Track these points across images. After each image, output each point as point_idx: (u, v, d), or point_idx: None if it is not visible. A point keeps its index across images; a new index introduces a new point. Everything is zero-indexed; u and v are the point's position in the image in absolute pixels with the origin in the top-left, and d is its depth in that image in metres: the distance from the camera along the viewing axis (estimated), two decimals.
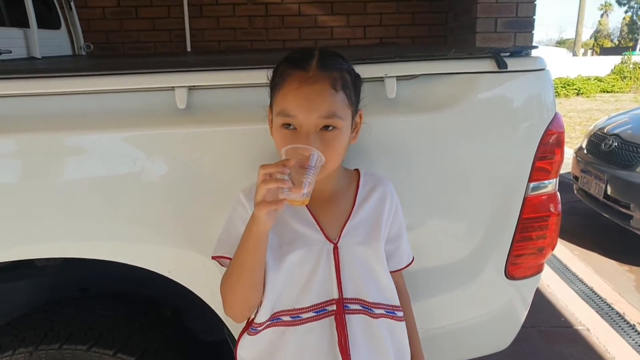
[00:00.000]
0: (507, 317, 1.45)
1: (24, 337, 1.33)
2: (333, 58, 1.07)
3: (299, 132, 1.02)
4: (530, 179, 1.30)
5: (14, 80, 1.22)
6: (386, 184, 1.18)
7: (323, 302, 1.10)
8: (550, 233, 1.36)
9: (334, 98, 1.02)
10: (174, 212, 1.25)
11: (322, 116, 1.01)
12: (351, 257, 1.11)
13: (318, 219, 1.11)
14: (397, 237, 1.19)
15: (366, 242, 1.12)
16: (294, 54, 1.08)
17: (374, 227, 1.13)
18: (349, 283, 1.11)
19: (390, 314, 1.15)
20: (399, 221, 1.19)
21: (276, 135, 1.07)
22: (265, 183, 0.93)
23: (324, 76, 1.02)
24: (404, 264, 1.23)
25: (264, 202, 0.94)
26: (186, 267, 1.28)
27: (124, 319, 1.45)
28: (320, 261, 1.09)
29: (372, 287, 1.13)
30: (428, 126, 1.25)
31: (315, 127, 1.02)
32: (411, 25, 4.82)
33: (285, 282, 1.09)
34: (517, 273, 1.37)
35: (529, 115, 1.28)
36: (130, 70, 1.23)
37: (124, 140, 1.22)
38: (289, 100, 1.02)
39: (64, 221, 1.24)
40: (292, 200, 0.94)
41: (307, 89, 1.01)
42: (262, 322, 1.11)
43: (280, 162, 0.94)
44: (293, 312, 1.10)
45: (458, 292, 1.37)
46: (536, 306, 2.99)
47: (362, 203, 1.14)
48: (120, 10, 4.72)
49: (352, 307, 1.11)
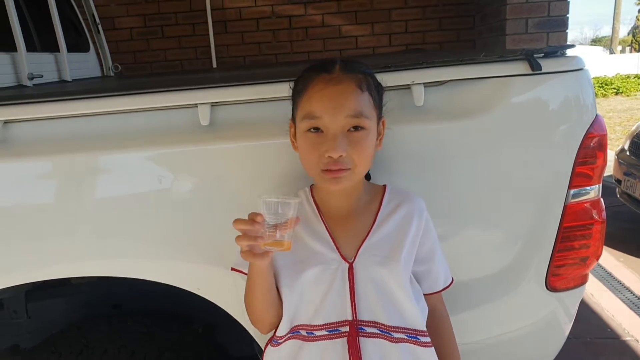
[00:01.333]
0: (549, 330, 1.38)
1: (60, 353, 1.35)
2: (356, 63, 1.07)
3: (326, 134, 1.00)
4: (570, 186, 1.24)
5: (44, 104, 1.24)
6: (414, 201, 1.12)
7: (336, 322, 1.06)
8: (594, 242, 1.29)
9: (360, 97, 1.01)
10: (201, 229, 1.24)
11: (350, 115, 0.99)
12: (367, 278, 1.06)
13: (335, 236, 1.08)
14: (428, 259, 1.13)
15: (384, 263, 1.06)
16: (316, 62, 1.07)
17: (395, 247, 1.07)
18: (364, 305, 1.06)
19: (413, 339, 1.08)
20: (430, 241, 1.12)
21: (302, 142, 1.04)
22: (240, 239, 0.95)
23: (348, 77, 1.02)
24: (441, 287, 1.17)
25: (249, 252, 0.96)
26: (215, 284, 1.26)
27: (156, 336, 1.45)
28: (334, 281, 1.06)
29: (391, 310, 1.07)
30: (459, 134, 1.21)
31: (342, 129, 1.00)
32: (438, 31, 4.77)
33: (300, 299, 1.08)
34: (559, 285, 1.30)
35: (567, 118, 1.23)
36: (153, 89, 1.24)
37: (149, 158, 1.22)
38: (314, 102, 1.01)
39: (96, 240, 1.25)
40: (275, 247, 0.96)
41: (332, 88, 1.00)
42: (283, 335, 1.10)
43: (251, 220, 0.94)
44: (308, 328, 1.08)
45: (496, 304, 1.31)
46: (580, 317, 2.87)
47: (384, 221, 1.09)
48: (147, 30, 4.82)
49: (369, 330, 1.06)
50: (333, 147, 0.99)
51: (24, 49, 2.32)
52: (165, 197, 1.22)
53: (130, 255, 1.27)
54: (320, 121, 1.00)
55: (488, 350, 1.37)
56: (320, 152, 1.01)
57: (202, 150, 1.21)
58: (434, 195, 1.20)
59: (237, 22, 4.79)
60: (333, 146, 0.99)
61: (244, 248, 0.96)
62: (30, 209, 1.23)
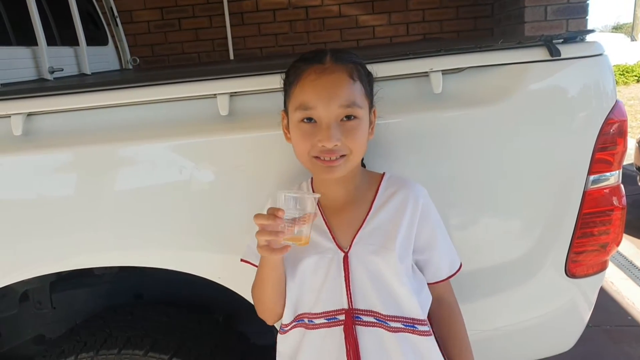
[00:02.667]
0: (569, 317, 1.37)
1: (85, 342, 1.37)
2: (346, 52, 1.07)
3: (319, 124, 1.01)
4: (590, 172, 1.23)
5: (66, 96, 1.26)
6: (411, 188, 1.10)
7: (334, 310, 1.08)
8: (614, 228, 1.28)
9: (353, 87, 1.02)
10: (221, 219, 1.25)
11: (343, 105, 1.00)
12: (362, 268, 1.06)
13: (331, 226, 1.09)
14: (428, 246, 1.11)
15: (379, 252, 1.05)
16: (306, 53, 1.08)
17: (390, 236, 1.06)
18: (360, 294, 1.06)
19: (410, 328, 1.07)
20: (428, 228, 1.10)
21: (295, 132, 1.05)
22: (260, 234, 0.95)
23: (340, 67, 1.03)
24: (445, 275, 1.14)
25: (267, 247, 0.96)
26: (235, 273, 1.28)
27: (178, 325, 1.48)
28: (330, 270, 1.07)
29: (387, 299, 1.06)
30: (478, 121, 1.20)
31: (336, 118, 1.01)
32: (455, 20, 4.72)
33: (300, 287, 1.09)
34: (578, 271, 1.29)
35: (586, 104, 1.21)
36: (172, 80, 1.25)
37: (169, 149, 1.24)
38: (308, 92, 1.01)
39: (117, 231, 1.27)
40: (294, 242, 0.97)
41: (325, 78, 1.01)
42: (288, 323, 1.12)
43: (272, 214, 0.94)
44: (310, 316, 1.09)
45: (515, 291, 1.31)
46: (600, 305, 2.83)
47: (379, 209, 1.08)
48: (164, 23, 4.85)
49: (365, 319, 1.06)
50: (327, 136, 0.99)
51: (44, 43, 2.36)
52: (185, 187, 1.24)
53: (151, 246, 1.29)
54: (314, 111, 1.00)
55: (507, 338, 1.37)
56: (313, 141, 1.01)
57: (221, 141, 1.22)
58: (453, 182, 1.20)
59: (254, 14, 4.80)
60: (327, 136, 0.99)
61: (262, 243, 0.96)
62: (53, 200, 1.26)
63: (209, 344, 1.43)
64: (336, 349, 1.07)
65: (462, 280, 1.20)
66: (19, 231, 1.27)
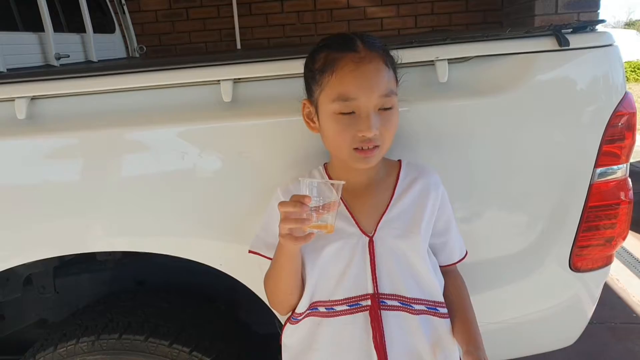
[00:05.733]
0: (573, 312, 1.36)
1: (86, 327, 1.38)
2: (374, 38, 1.04)
3: (358, 115, 0.99)
4: (596, 164, 1.21)
5: (70, 80, 1.26)
6: (430, 175, 1.12)
7: (357, 296, 1.07)
8: (620, 222, 1.26)
9: (389, 75, 1.02)
10: (224, 206, 1.25)
11: (382, 94, 0.99)
12: (387, 251, 1.06)
13: (353, 211, 1.08)
14: (445, 231, 1.14)
15: (404, 235, 1.06)
16: (332, 39, 1.05)
17: (414, 220, 1.07)
18: (385, 278, 1.07)
19: (432, 310, 1.10)
20: (446, 214, 1.13)
21: (331, 124, 1.02)
22: (285, 222, 0.93)
23: (375, 55, 1.01)
24: (456, 259, 1.18)
25: (290, 235, 0.94)
26: (237, 260, 1.28)
27: (178, 311, 1.48)
28: (354, 255, 1.06)
29: (411, 283, 1.08)
30: (484, 111, 1.19)
31: (375, 107, 0.99)
32: (464, 12, 4.68)
33: (320, 274, 1.08)
34: (582, 265, 1.28)
35: (595, 95, 1.19)
36: (176, 65, 1.24)
37: (173, 135, 1.23)
38: (348, 83, 0.99)
39: (119, 216, 1.27)
40: (319, 230, 0.95)
41: (363, 67, 0.99)
42: (302, 312, 1.11)
43: (298, 202, 0.92)
44: (328, 304, 1.09)
45: (519, 284, 1.30)
46: (605, 302, 2.83)
47: (402, 195, 1.09)
48: (172, 12, 4.85)
49: (390, 303, 1.07)
50: (368, 127, 0.98)
51: (51, 29, 2.36)
52: (188, 173, 1.23)
53: (153, 232, 1.29)
54: (354, 102, 0.99)
55: (510, 332, 1.36)
56: (352, 132, 1.00)
57: (224, 127, 1.22)
58: (457, 172, 1.19)
59: (262, 4, 4.78)
60: (368, 126, 0.98)
61: (285, 231, 0.95)
62: (56, 184, 1.26)
63: (209, 330, 1.43)
64: (358, 335, 1.07)
65: (466, 272, 1.20)
66: (23, 214, 1.27)
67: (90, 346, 1.33)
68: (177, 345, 1.32)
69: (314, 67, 1.05)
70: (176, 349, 1.32)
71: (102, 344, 1.33)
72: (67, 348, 1.33)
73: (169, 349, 1.32)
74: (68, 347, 1.33)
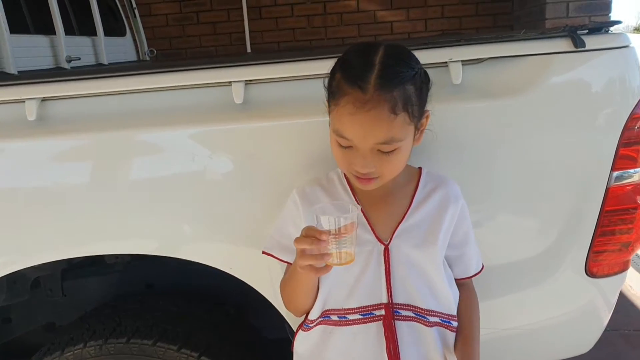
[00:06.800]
0: (588, 318, 1.33)
1: (94, 331, 1.37)
2: (396, 69, 0.94)
3: (355, 152, 0.97)
4: (613, 168, 1.18)
5: (81, 82, 1.25)
6: (450, 186, 1.10)
7: (370, 305, 1.05)
8: (637, 227, 1.23)
9: (393, 123, 0.93)
10: (234, 208, 1.24)
11: (379, 142, 0.95)
12: (403, 261, 1.04)
13: (370, 218, 1.06)
14: (462, 244, 1.12)
15: (421, 245, 1.04)
16: (353, 59, 0.98)
17: (431, 230, 1.05)
18: (400, 287, 1.05)
19: (446, 323, 1.08)
20: (465, 226, 1.11)
21: (333, 148, 1.02)
22: (303, 259, 0.92)
23: (382, 99, 0.92)
24: (472, 272, 1.16)
25: (309, 267, 0.93)
26: (248, 264, 1.27)
27: (187, 315, 1.47)
28: (369, 263, 1.04)
29: (426, 293, 1.06)
30: (498, 113, 1.17)
31: (372, 150, 0.96)
32: (475, 16, 4.66)
33: (333, 282, 1.07)
34: (599, 270, 1.25)
35: (611, 97, 1.17)
36: (187, 67, 1.24)
37: (182, 136, 1.22)
38: (344, 124, 0.95)
39: (129, 218, 1.26)
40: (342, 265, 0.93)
41: (362, 115, 0.92)
42: (314, 319, 1.10)
43: (314, 238, 0.89)
44: (340, 312, 1.07)
45: (534, 290, 1.27)
46: (618, 309, 2.76)
47: (420, 204, 1.07)
48: (182, 16, 4.87)
49: (404, 313, 1.05)
50: (361, 164, 0.96)
51: (62, 32, 2.38)
52: (199, 175, 1.22)
53: (163, 234, 1.28)
54: (350, 142, 0.96)
55: (524, 338, 1.33)
56: (349, 162, 0.99)
57: (235, 129, 1.21)
58: (471, 175, 1.17)
59: (272, 8, 4.80)
60: (361, 164, 0.96)
61: (303, 266, 0.93)
62: (65, 186, 1.25)
63: (218, 335, 1.42)
64: (371, 345, 1.06)
65: (481, 277, 1.18)
66: (32, 216, 1.27)
67: (98, 350, 1.32)
68: (185, 350, 1.31)
69: (329, 84, 1.01)
70: (184, 353, 1.30)
71: (109, 348, 1.32)
72: (74, 352, 1.32)
73: (178, 354, 1.30)
74: (75, 351, 1.32)
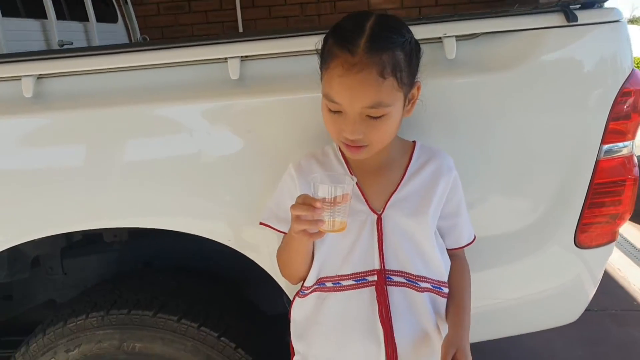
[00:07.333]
0: (576, 289, 1.37)
1: (95, 303, 1.39)
2: (385, 35, 0.97)
3: (344, 118, 0.99)
4: (603, 141, 1.22)
5: (74, 59, 1.26)
6: (443, 158, 1.13)
7: (364, 271, 1.09)
8: (626, 199, 1.27)
9: (381, 87, 0.96)
10: (232, 183, 1.26)
11: (367, 106, 0.97)
12: (395, 229, 1.08)
13: (363, 189, 1.09)
14: (454, 214, 1.15)
15: (413, 215, 1.08)
16: (345, 24, 1.01)
17: (423, 200, 1.08)
18: (392, 255, 1.08)
19: (436, 289, 1.12)
20: (457, 197, 1.14)
21: (324, 114, 1.04)
22: (298, 224, 0.95)
23: (371, 62, 0.94)
24: (464, 242, 1.19)
25: (303, 232, 0.96)
26: (245, 236, 1.29)
27: (186, 289, 1.50)
28: (363, 232, 1.08)
29: (417, 261, 1.10)
30: (492, 88, 1.19)
31: (360, 115, 0.98)
32: (469, 3, 4.68)
33: (328, 250, 1.10)
34: (588, 241, 1.29)
35: (602, 72, 1.20)
36: (183, 43, 1.25)
37: (179, 112, 1.24)
38: (334, 87, 0.98)
39: (126, 193, 1.28)
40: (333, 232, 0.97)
41: (351, 77, 0.95)
42: (310, 285, 1.13)
43: (310, 205, 0.93)
44: (335, 279, 1.11)
45: (524, 261, 1.31)
46: (606, 289, 2.85)
47: (413, 175, 1.10)
48: (174, 5, 4.85)
49: (396, 279, 1.09)
50: (350, 130, 0.99)
51: (54, 16, 2.37)
52: (197, 150, 1.24)
53: (160, 208, 1.29)
54: (339, 106, 0.99)
55: (516, 308, 1.37)
56: (339, 129, 1.01)
57: (232, 105, 1.22)
58: (461, 148, 1.20)
59: None
60: (350, 130, 0.99)
61: (297, 231, 0.96)
62: (62, 161, 1.27)
63: (217, 307, 1.45)
64: (364, 310, 1.09)
65: (472, 248, 1.21)
66: (30, 191, 1.28)
67: (100, 321, 1.34)
68: (185, 321, 1.33)
69: (322, 50, 1.04)
70: (184, 324, 1.33)
71: (111, 319, 1.34)
72: (76, 323, 1.34)
73: (178, 324, 1.33)
74: (78, 322, 1.34)
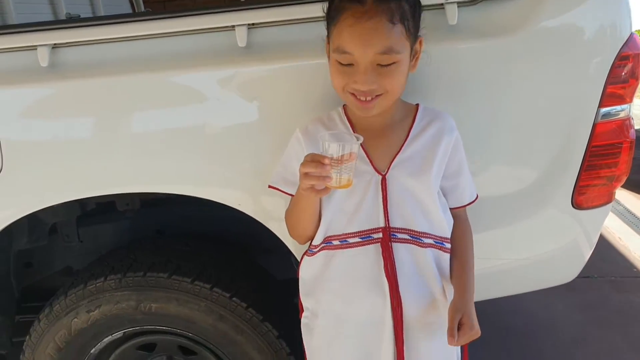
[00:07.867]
0: (574, 248, 1.41)
1: (112, 266, 1.46)
2: None
3: (356, 68, 1.03)
4: (600, 104, 1.25)
5: (88, 28, 1.30)
6: (445, 120, 1.17)
7: (369, 229, 1.14)
8: (623, 161, 1.30)
9: (391, 33, 1.00)
10: (242, 148, 1.30)
11: (379, 52, 1.00)
12: (399, 189, 1.12)
13: (368, 151, 1.14)
14: (456, 174, 1.19)
15: (416, 174, 1.12)
16: None
17: (426, 160, 1.13)
18: (396, 213, 1.13)
19: (439, 244, 1.17)
20: (458, 157, 1.18)
21: (332, 67, 1.08)
22: (306, 179, 0.99)
23: (380, 10, 0.99)
24: (466, 201, 1.23)
25: (311, 189, 1.01)
26: (255, 200, 1.34)
27: (199, 253, 1.56)
28: (368, 192, 1.13)
29: (420, 218, 1.14)
30: (493, 53, 1.22)
31: (372, 63, 1.02)
32: None
33: (334, 210, 1.15)
34: (585, 202, 1.33)
35: (601, 36, 1.22)
36: (191, 12, 1.27)
37: (189, 80, 1.27)
38: (345, 37, 1.01)
39: (138, 159, 1.33)
40: (339, 188, 1.02)
41: (362, 24, 0.99)
42: (317, 244, 1.18)
43: (318, 162, 0.97)
44: (341, 237, 1.16)
45: (523, 223, 1.35)
46: (607, 257, 2.90)
47: (416, 137, 1.14)
48: None
49: (400, 236, 1.14)
50: (362, 80, 1.02)
51: None
52: (206, 117, 1.28)
53: (170, 174, 1.34)
54: (350, 57, 1.02)
55: (517, 269, 1.41)
56: (348, 80, 1.04)
57: (240, 72, 1.26)
58: (463, 112, 1.23)
59: None
60: (362, 80, 1.02)
61: (306, 187, 1.01)
62: (77, 129, 1.32)
63: (229, 270, 1.51)
64: (370, 265, 1.14)
65: (473, 208, 1.26)
66: (48, 158, 1.33)
67: (118, 283, 1.40)
68: (198, 282, 1.39)
69: (328, 12, 1.07)
70: (198, 285, 1.39)
71: (128, 281, 1.40)
72: (96, 285, 1.41)
73: (192, 286, 1.39)
74: (97, 284, 1.41)
